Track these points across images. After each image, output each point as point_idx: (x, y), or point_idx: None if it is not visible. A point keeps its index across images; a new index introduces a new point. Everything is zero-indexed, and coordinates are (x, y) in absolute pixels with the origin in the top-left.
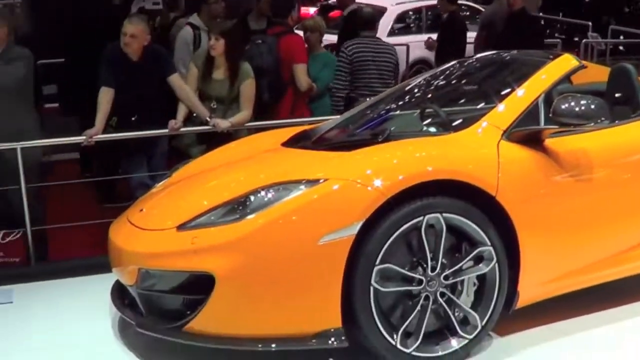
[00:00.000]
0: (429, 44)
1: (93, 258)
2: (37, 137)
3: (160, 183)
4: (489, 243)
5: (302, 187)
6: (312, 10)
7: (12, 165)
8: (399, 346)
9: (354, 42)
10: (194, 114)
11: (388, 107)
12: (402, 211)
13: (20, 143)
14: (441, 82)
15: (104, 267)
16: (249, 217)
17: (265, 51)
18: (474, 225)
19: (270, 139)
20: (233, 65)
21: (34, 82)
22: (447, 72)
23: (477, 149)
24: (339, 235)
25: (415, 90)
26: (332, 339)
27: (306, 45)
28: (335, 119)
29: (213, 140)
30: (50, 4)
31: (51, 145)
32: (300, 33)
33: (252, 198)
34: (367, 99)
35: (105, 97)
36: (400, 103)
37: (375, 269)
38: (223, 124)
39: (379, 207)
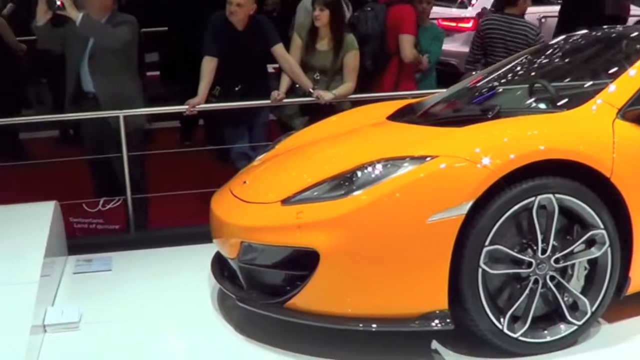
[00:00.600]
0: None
1: (193, 227)
2: (140, 103)
3: (263, 155)
4: (601, 226)
5: (410, 163)
6: None
7: (116, 130)
8: (505, 330)
9: (490, 17)
10: (297, 85)
11: (496, 82)
12: (513, 191)
13: (124, 111)
14: (548, 59)
15: (204, 237)
16: (355, 193)
17: (371, 18)
18: (586, 207)
19: (374, 112)
20: (337, 36)
21: (138, 49)
22: (554, 48)
23: (591, 128)
24: (448, 215)
25: (523, 66)
26: (437, 321)
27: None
28: (441, 92)
29: (316, 111)
30: None
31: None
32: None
33: (359, 174)
34: (473, 73)
35: (209, 66)
36: (509, 78)
37: (484, 250)
38: (326, 95)
39: (490, 186)
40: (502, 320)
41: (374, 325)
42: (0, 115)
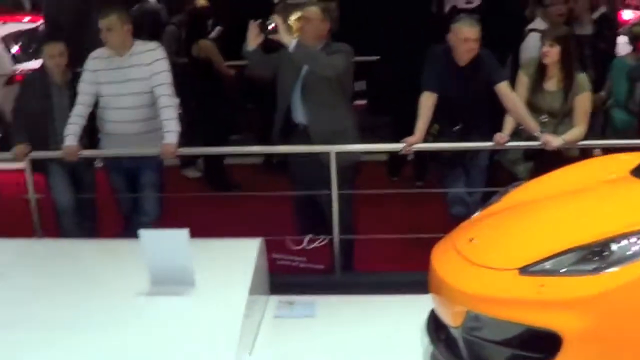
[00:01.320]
0: None
1: (404, 274)
2: (354, 138)
3: (489, 206)
4: None
5: None
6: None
7: (327, 165)
8: None
9: None
10: (521, 127)
11: None
12: None
13: (336, 146)
14: None
15: (416, 287)
16: (609, 270)
17: None
18: None
19: (615, 164)
20: (568, 75)
21: None
22: None
23: None
24: None
25: None
26: None
27: None
28: None
29: (541, 158)
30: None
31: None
32: None
33: (614, 247)
34: None
35: (427, 102)
36: None
37: None
38: (555, 141)
39: None
40: None
41: None
42: (208, 142)
